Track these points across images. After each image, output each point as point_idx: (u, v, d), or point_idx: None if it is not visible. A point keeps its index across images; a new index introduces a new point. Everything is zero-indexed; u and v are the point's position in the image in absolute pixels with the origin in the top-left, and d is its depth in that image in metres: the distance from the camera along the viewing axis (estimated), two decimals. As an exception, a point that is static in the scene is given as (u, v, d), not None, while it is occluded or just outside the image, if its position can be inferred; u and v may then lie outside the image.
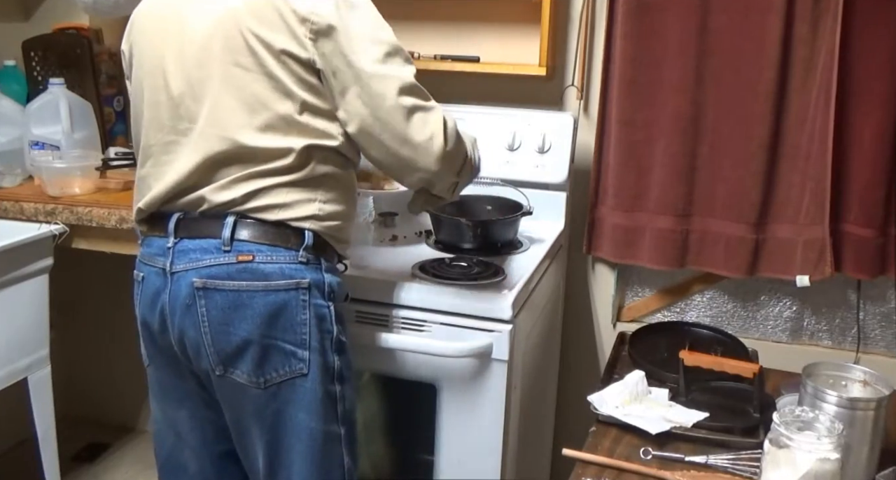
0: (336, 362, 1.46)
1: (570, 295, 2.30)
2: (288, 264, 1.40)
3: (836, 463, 1.20)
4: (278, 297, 1.39)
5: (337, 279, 1.48)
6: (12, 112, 2.20)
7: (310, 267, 1.42)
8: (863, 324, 2.11)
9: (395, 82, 1.37)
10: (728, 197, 2.02)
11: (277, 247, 1.40)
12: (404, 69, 1.39)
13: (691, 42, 1.96)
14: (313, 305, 1.42)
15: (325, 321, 1.44)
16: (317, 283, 1.43)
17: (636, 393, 1.68)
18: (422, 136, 1.39)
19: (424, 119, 1.39)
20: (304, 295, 1.41)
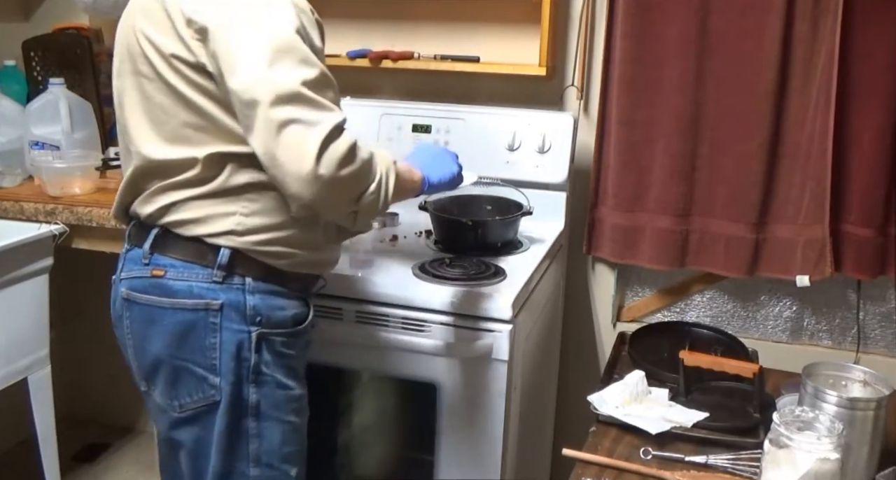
0: (252, 395, 1.34)
1: (570, 295, 2.30)
2: (199, 283, 1.31)
3: (836, 463, 1.20)
4: (185, 317, 1.31)
5: (272, 302, 1.33)
6: (12, 112, 2.20)
7: (226, 287, 1.31)
8: (863, 324, 2.11)
9: (270, 89, 1.17)
10: (728, 197, 2.02)
11: (192, 264, 1.31)
12: (293, 73, 1.19)
13: (691, 42, 1.96)
14: (226, 329, 1.31)
15: (241, 348, 1.32)
16: (234, 305, 1.31)
17: (636, 393, 1.68)
18: (287, 156, 1.18)
19: (299, 135, 1.17)
20: (215, 317, 1.31)
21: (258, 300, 1.32)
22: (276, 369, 1.35)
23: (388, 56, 2.20)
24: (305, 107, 1.18)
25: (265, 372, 1.34)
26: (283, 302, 1.35)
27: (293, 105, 1.17)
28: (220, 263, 1.29)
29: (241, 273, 1.31)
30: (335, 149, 1.19)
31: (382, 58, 2.20)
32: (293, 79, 1.18)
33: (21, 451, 2.38)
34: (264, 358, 1.33)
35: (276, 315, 1.34)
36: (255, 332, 1.32)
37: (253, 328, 1.32)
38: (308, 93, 1.18)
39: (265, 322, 1.33)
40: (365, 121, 2.18)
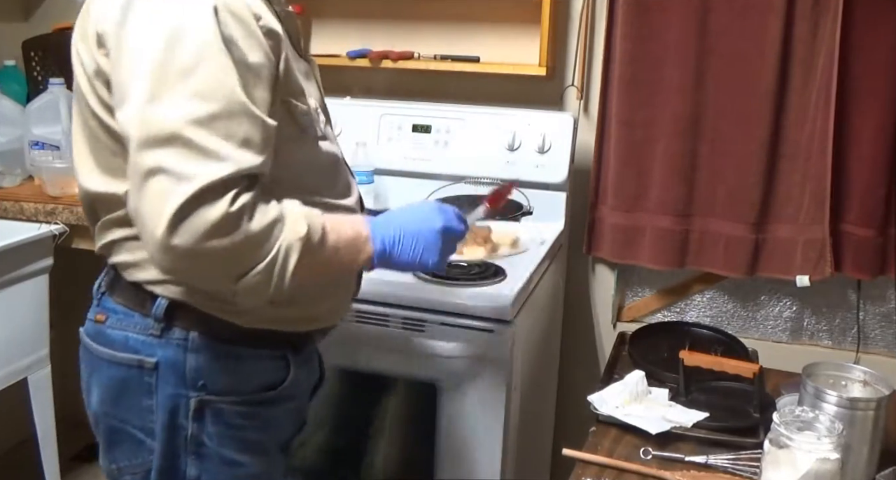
0: (190, 469, 1.14)
1: (570, 295, 2.30)
2: (136, 335, 1.12)
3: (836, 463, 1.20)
4: (120, 372, 1.13)
5: (224, 363, 1.12)
6: (12, 112, 2.20)
7: (164, 343, 1.11)
8: (863, 324, 2.11)
9: (144, 126, 0.95)
10: (728, 197, 2.02)
11: (131, 313, 1.13)
12: (178, 106, 0.94)
13: (691, 42, 1.96)
14: (161, 391, 1.12)
15: (176, 415, 1.12)
16: (171, 364, 1.11)
17: (636, 393, 1.68)
18: (147, 212, 0.95)
19: (162, 190, 0.93)
20: (150, 376, 1.12)
21: (202, 360, 1.11)
22: (225, 443, 1.14)
23: (388, 56, 2.20)
24: (181, 153, 0.94)
25: (207, 444, 1.13)
26: (242, 365, 1.13)
27: (166, 149, 0.93)
28: (156, 315, 1.11)
29: (182, 326, 1.11)
30: (202, 215, 0.93)
31: (382, 58, 2.20)
32: (175, 115, 0.94)
33: (21, 451, 2.38)
34: (207, 429, 1.12)
35: (226, 380, 1.12)
36: (195, 398, 1.11)
37: (193, 393, 1.11)
38: (190, 135, 0.94)
39: (210, 387, 1.11)
40: (365, 122, 2.18)
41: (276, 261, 0.99)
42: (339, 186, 1.20)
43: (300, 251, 1.01)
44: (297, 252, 1.00)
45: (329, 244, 1.06)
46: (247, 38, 1.00)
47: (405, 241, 1.13)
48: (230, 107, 0.97)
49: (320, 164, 1.17)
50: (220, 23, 0.98)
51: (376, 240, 1.11)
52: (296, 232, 1.01)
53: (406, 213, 1.17)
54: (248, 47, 1.00)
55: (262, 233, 0.98)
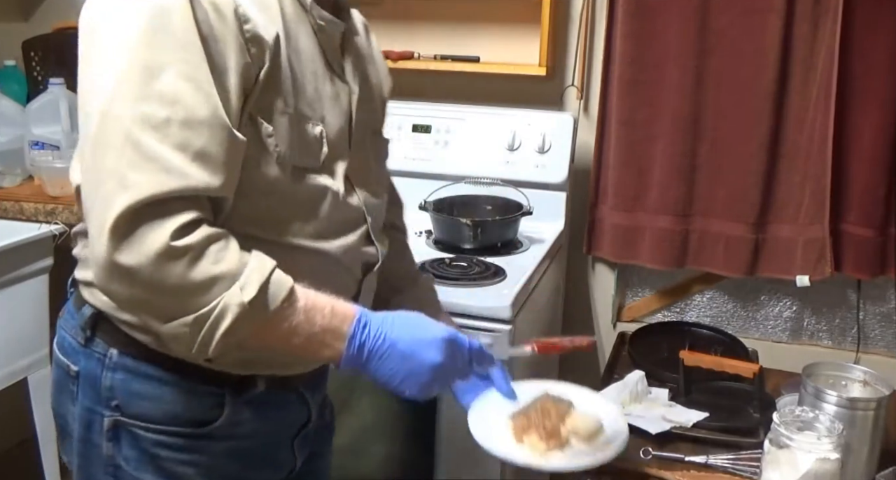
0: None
1: (570, 295, 2.30)
2: (70, 338, 1.07)
3: (836, 463, 1.20)
4: (58, 372, 1.09)
5: (138, 387, 1.02)
6: (12, 112, 2.20)
7: (88, 353, 1.04)
8: (863, 324, 2.11)
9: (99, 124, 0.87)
10: (728, 197, 2.02)
11: (74, 314, 1.08)
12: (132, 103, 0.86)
13: (691, 42, 1.96)
14: (80, 402, 1.05)
15: (90, 429, 1.05)
16: (89, 377, 1.03)
17: (636, 393, 1.68)
18: (92, 211, 0.87)
19: (107, 193, 0.85)
20: (73, 384, 1.06)
21: (118, 380, 1.02)
22: (143, 469, 1.04)
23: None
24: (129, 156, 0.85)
25: (123, 467, 1.04)
26: (158, 392, 1.02)
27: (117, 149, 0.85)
28: (81, 322, 1.05)
29: (104, 340, 1.03)
30: (143, 235, 0.84)
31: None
32: (131, 113, 0.85)
33: (21, 451, 2.38)
34: (123, 451, 1.03)
35: (143, 405, 1.02)
36: (109, 418, 1.03)
37: (107, 412, 1.03)
38: (139, 136, 0.85)
39: (124, 409, 1.02)
40: (365, 121, 2.18)
41: (206, 320, 0.87)
42: (318, 227, 1.03)
43: (235, 318, 0.87)
44: (231, 318, 0.87)
45: (286, 324, 0.92)
46: (225, 38, 0.90)
47: (388, 361, 0.96)
48: (190, 114, 0.86)
49: (294, 197, 1.00)
50: (197, 18, 0.88)
51: (354, 343, 0.95)
52: (240, 295, 0.88)
53: (406, 327, 0.98)
54: (226, 49, 0.90)
55: (199, 284, 0.87)
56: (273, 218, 0.99)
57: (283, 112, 0.96)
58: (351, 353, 0.95)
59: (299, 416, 1.16)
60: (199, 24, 0.87)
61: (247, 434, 1.07)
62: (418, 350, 0.97)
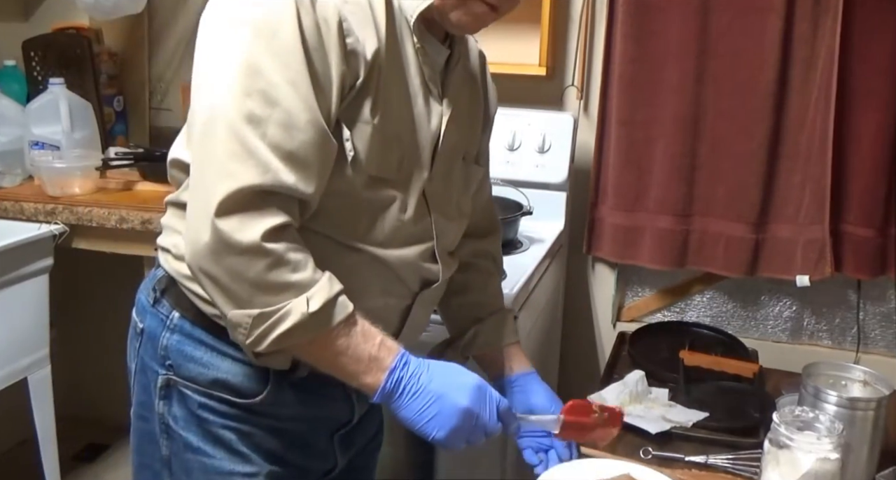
0: (163, 447, 1.12)
1: (570, 295, 2.30)
2: (144, 296, 1.15)
3: (836, 463, 1.20)
4: (131, 330, 1.17)
5: (191, 351, 1.08)
6: (12, 112, 2.20)
7: (154, 313, 1.12)
8: (863, 324, 2.11)
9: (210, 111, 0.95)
10: (728, 197, 2.03)
11: (154, 273, 1.16)
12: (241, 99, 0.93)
13: (691, 42, 1.96)
14: (141, 359, 1.13)
15: (147, 388, 1.12)
16: (151, 336, 1.11)
17: (636, 393, 1.68)
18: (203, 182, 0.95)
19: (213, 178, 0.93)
20: (136, 340, 1.14)
21: (174, 341, 1.09)
22: (191, 429, 1.09)
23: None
24: (231, 147, 0.92)
25: (173, 427, 1.10)
26: (208, 357, 1.08)
27: (221, 138, 0.93)
28: (153, 283, 1.13)
29: (169, 303, 1.10)
30: (237, 224, 0.92)
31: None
32: (234, 106, 0.93)
33: (21, 451, 2.38)
34: (173, 411, 1.10)
35: (189, 367, 1.08)
36: (163, 376, 1.10)
37: (161, 370, 1.10)
38: (244, 129, 0.92)
39: (176, 370, 1.09)
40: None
41: (269, 318, 0.94)
42: (380, 234, 1.07)
43: (295, 324, 0.94)
44: (291, 322, 0.94)
45: (339, 342, 0.98)
46: (328, 48, 0.96)
47: (419, 399, 1.00)
48: (288, 116, 0.93)
49: (363, 203, 1.05)
50: (303, 28, 0.93)
51: (394, 376, 0.99)
52: (305, 305, 0.94)
53: (440, 371, 1.02)
54: (328, 58, 0.96)
55: (273, 285, 0.94)
56: (341, 219, 1.04)
57: (367, 122, 1.01)
58: (388, 385, 0.99)
59: (342, 412, 1.19)
60: (304, 34, 0.93)
61: (288, 416, 1.11)
62: (448, 392, 1.00)
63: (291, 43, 0.93)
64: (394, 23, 1.03)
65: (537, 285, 1.83)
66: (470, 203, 1.27)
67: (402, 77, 1.05)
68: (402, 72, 1.05)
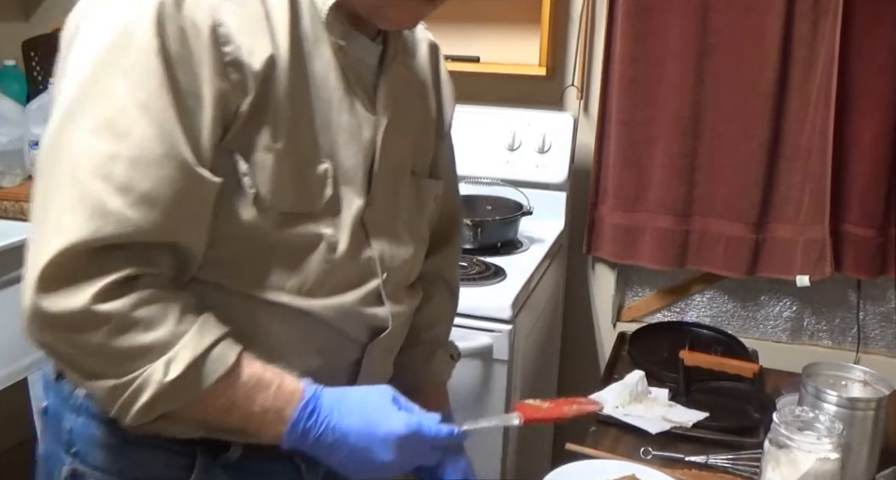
0: None
1: (570, 295, 2.30)
2: (50, 367, 0.97)
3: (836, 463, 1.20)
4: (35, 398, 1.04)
5: (98, 435, 0.90)
6: (12, 112, 2.20)
7: (57, 389, 0.94)
8: (863, 324, 2.11)
9: (45, 152, 0.79)
10: (728, 197, 2.02)
11: None
12: (80, 138, 0.76)
13: (691, 42, 1.96)
14: (44, 442, 0.97)
15: (52, 475, 0.94)
16: (55, 416, 0.94)
17: (636, 393, 1.68)
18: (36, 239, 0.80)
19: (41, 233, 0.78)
20: (41, 421, 0.98)
21: (80, 424, 0.91)
22: None
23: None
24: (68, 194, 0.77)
25: None
26: (122, 444, 0.90)
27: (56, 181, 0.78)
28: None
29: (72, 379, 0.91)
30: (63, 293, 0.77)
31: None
32: (76, 141, 0.77)
33: (21, 451, 2.38)
34: None
35: (103, 457, 0.90)
36: (68, 466, 0.92)
37: (67, 458, 0.92)
38: (85, 172, 0.76)
39: (83, 457, 0.91)
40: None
41: (125, 390, 0.79)
42: (303, 281, 0.89)
43: (153, 395, 0.78)
44: (148, 395, 0.78)
45: (221, 400, 0.82)
46: (199, 61, 0.78)
47: (336, 452, 0.85)
48: (140, 150, 0.76)
49: (275, 246, 0.87)
50: (164, 38, 0.77)
51: (298, 428, 0.84)
52: (163, 372, 0.78)
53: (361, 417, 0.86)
54: (198, 74, 0.78)
55: (122, 352, 0.78)
56: (246, 267, 0.86)
57: (269, 148, 0.83)
58: (294, 438, 0.84)
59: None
60: (165, 45, 0.77)
61: None
62: (370, 446, 0.85)
63: (147, 56, 0.76)
64: (298, 22, 0.86)
65: (537, 285, 1.84)
66: (427, 224, 1.09)
67: (316, 86, 0.87)
68: (315, 79, 0.87)
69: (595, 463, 1.29)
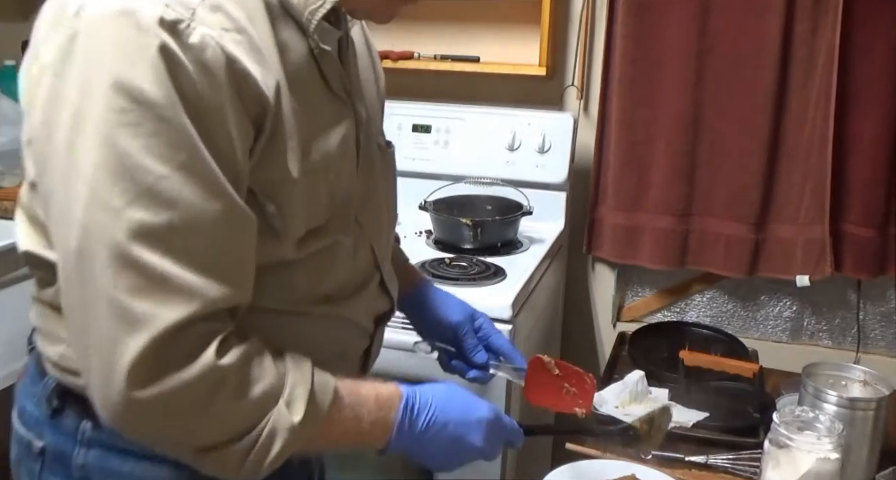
0: None
1: (570, 295, 2.30)
2: (35, 406, 0.90)
3: (836, 463, 1.20)
4: (16, 449, 0.93)
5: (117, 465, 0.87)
6: (12, 112, 2.20)
7: (55, 426, 0.88)
8: (863, 324, 2.11)
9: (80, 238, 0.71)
10: (728, 197, 2.02)
11: (36, 378, 0.92)
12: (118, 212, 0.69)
13: (691, 42, 1.96)
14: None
15: None
16: (59, 455, 0.88)
17: (636, 393, 1.67)
18: (93, 352, 0.72)
19: (112, 330, 0.70)
20: (35, 462, 0.90)
21: (93, 457, 0.87)
22: None
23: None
24: (131, 280, 0.70)
25: None
26: (140, 470, 0.86)
27: (112, 271, 0.69)
28: (46, 392, 0.89)
29: (75, 412, 0.87)
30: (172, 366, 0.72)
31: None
32: (115, 222, 0.69)
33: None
34: None
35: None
36: None
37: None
38: (140, 251, 0.69)
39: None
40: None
41: (253, 446, 0.76)
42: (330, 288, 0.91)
43: (286, 440, 0.77)
44: (282, 442, 0.77)
45: (335, 427, 0.83)
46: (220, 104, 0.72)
47: (436, 443, 0.90)
48: (196, 213, 0.71)
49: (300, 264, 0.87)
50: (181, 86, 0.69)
51: (404, 429, 0.87)
52: (288, 415, 0.77)
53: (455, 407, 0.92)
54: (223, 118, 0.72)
55: (244, 409, 0.75)
56: (273, 286, 0.85)
57: (289, 180, 0.80)
58: (401, 439, 0.88)
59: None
60: (182, 94, 0.70)
61: None
62: (467, 432, 0.92)
63: (167, 113, 0.69)
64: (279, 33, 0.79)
65: (537, 285, 1.83)
66: (396, 194, 1.11)
67: (306, 101, 0.82)
68: (306, 93, 0.82)
69: (595, 463, 1.30)
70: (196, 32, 0.71)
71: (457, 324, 1.15)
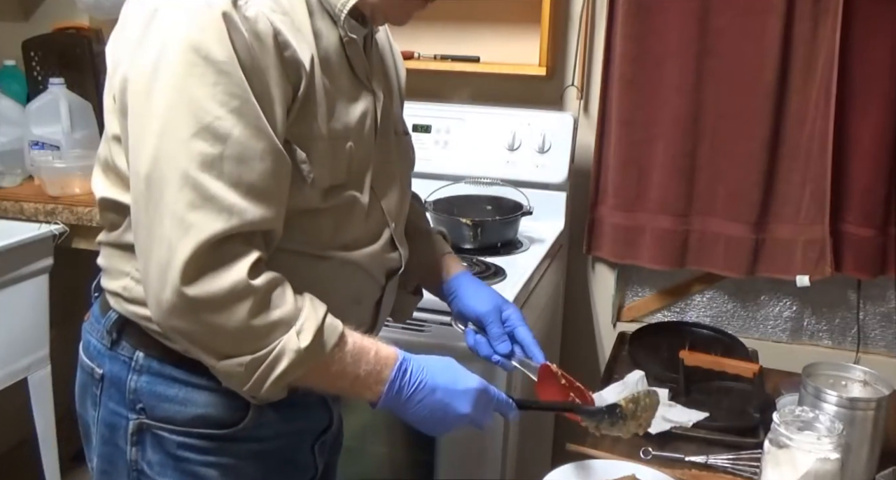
0: None
1: (570, 295, 2.30)
2: (96, 341, 1.07)
3: (836, 463, 1.20)
4: (82, 375, 1.10)
5: (164, 390, 1.01)
6: (12, 112, 2.20)
7: (113, 356, 1.04)
8: (863, 324, 2.11)
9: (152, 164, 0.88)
10: (728, 197, 2.03)
11: (99, 317, 1.08)
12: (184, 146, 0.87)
13: (691, 42, 1.96)
14: (104, 406, 1.06)
15: (115, 434, 1.05)
16: (115, 380, 1.04)
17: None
18: (158, 242, 0.88)
19: (170, 236, 0.87)
20: (96, 387, 1.06)
21: (144, 382, 1.02)
22: (167, 475, 1.04)
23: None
24: (189, 197, 0.86)
25: (148, 474, 1.04)
26: (184, 394, 1.01)
27: (174, 190, 0.87)
28: (107, 326, 1.05)
29: (130, 343, 1.03)
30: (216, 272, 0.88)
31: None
32: (181, 150, 0.87)
33: (21, 451, 2.38)
34: (146, 456, 1.03)
35: (164, 407, 1.02)
36: (134, 421, 1.03)
37: (132, 415, 1.03)
38: (197, 174, 0.86)
39: (149, 412, 1.03)
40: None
41: (262, 363, 0.91)
42: (348, 238, 1.06)
43: (291, 362, 0.91)
44: (286, 362, 0.91)
45: (335, 367, 0.96)
46: (267, 66, 0.90)
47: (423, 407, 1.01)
48: (242, 149, 0.88)
49: (325, 213, 1.02)
50: (237, 48, 0.87)
51: (394, 386, 0.99)
52: (296, 341, 0.91)
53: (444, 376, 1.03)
54: (268, 77, 0.90)
55: (260, 328, 0.90)
56: (301, 231, 1.00)
57: (317, 137, 0.97)
58: (390, 396, 0.99)
59: (321, 420, 1.16)
60: (238, 55, 0.87)
61: (270, 435, 1.07)
62: (453, 399, 1.02)
63: (227, 67, 0.86)
64: (314, 22, 0.97)
65: (537, 285, 1.84)
66: (410, 174, 1.27)
67: (336, 75, 1.00)
68: (333, 71, 1.00)
69: (595, 463, 1.30)
70: (252, 8, 0.89)
71: (483, 314, 1.25)
